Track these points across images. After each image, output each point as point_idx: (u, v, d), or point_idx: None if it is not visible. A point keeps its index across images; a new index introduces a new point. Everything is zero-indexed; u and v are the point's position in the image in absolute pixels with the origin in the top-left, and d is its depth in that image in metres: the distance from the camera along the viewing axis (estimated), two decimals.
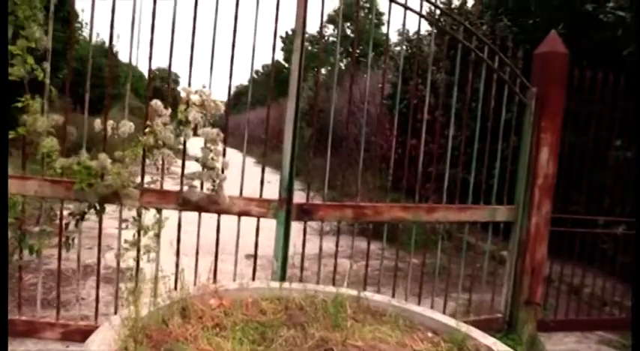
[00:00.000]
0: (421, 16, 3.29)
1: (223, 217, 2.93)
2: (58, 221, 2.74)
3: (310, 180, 3.34)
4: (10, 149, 2.93)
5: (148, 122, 2.65)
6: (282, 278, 2.92)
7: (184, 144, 2.78)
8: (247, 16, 2.91)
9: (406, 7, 3.22)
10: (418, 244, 3.60)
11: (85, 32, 14.49)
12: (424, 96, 3.48)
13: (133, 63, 2.90)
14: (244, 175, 2.92)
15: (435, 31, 3.50)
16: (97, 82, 3.76)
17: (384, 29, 23.31)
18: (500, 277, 3.96)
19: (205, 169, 2.73)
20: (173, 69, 2.93)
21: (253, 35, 2.85)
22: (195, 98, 2.66)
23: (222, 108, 2.68)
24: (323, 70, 21.95)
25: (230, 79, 2.87)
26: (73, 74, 2.96)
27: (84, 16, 11.93)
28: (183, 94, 2.72)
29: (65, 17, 5.91)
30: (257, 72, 37.51)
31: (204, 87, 2.68)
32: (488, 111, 3.62)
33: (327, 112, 3.17)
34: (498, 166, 3.71)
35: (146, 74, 3.00)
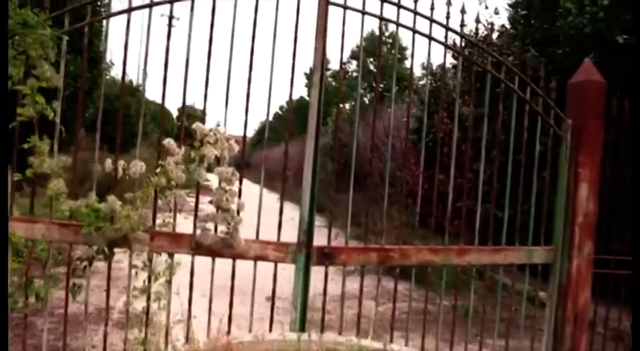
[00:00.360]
0: (447, 46, 3.12)
1: None
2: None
3: (332, 219, 3.13)
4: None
5: (160, 162, 2.50)
6: (302, 328, 2.69)
7: (197, 184, 2.63)
8: (268, 51, 2.79)
9: (431, 38, 3.05)
10: (448, 285, 3.34)
11: (113, 72, 14.87)
12: (451, 130, 3.28)
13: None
14: (268, 212, 2.76)
15: (462, 62, 3.32)
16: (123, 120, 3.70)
17: (407, 64, 23.33)
18: (539, 321, 3.64)
19: (219, 211, 2.55)
20: (200, 106, 2.82)
21: (270, 70, 2.72)
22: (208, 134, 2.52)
23: (237, 147, 2.52)
24: (347, 106, 21.99)
25: (246, 114, 2.74)
26: (84, 112, 2.86)
27: (112, 57, 12.21)
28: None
29: (92, 58, 5.99)
30: (282, 108, 37.78)
31: (218, 125, 2.54)
32: (521, 144, 3.39)
33: (351, 146, 2.99)
34: (534, 202, 3.45)
35: (173, 112, 2.89)
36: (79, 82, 3.07)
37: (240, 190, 2.63)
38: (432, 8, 3.04)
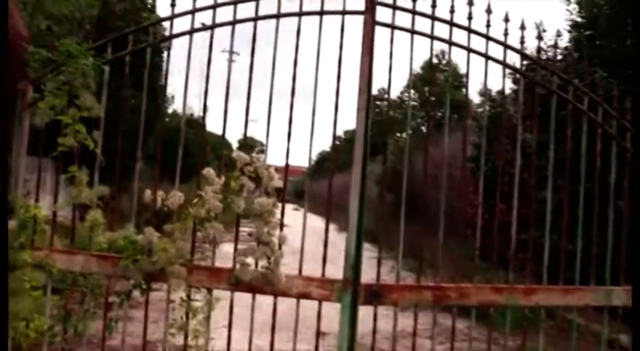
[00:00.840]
0: (505, 65, 2.82)
1: None
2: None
3: (381, 254, 2.86)
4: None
5: (200, 192, 2.35)
6: None
7: (238, 217, 2.45)
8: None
9: (487, 57, 2.77)
10: (513, 324, 2.95)
11: (175, 106, 15.37)
12: (512, 157, 2.97)
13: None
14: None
15: (524, 83, 3.00)
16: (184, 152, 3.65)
17: (464, 91, 22.69)
18: None
19: (260, 245, 2.35)
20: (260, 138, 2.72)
21: (313, 97, 2.55)
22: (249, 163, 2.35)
23: (276, 176, 2.33)
24: (404, 135, 21.62)
25: (288, 140, 2.56)
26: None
27: (171, 90, 12.37)
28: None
29: (154, 91, 6.08)
30: (339, 138, 37.67)
31: (258, 151, 2.37)
32: (593, 171, 2.99)
33: (409, 176, 2.75)
34: (611, 235, 3.01)
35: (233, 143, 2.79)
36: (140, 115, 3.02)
37: (282, 223, 2.43)
38: (488, 25, 2.77)
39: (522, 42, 2.88)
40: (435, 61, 3.04)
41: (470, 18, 2.73)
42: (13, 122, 2.45)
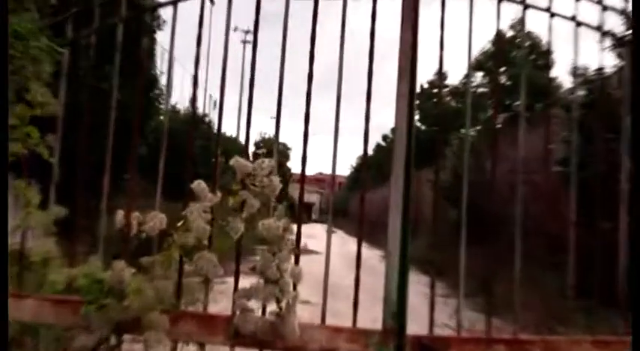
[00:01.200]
0: (603, 33, 2.59)
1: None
2: None
3: (440, 292, 2.66)
4: None
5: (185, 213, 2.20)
6: None
7: (238, 243, 2.29)
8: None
9: (578, 23, 2.54)
10: None
11: (174, 100, 15.40)
12: (616, 158, 2.76)
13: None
14: (366, 273, 2.38)
15: (631, 55, 2.75)
16: (178, 158, 3.52)
17: (553, 73, 22.07)
18: None
19: (267, 284, 2.17)
20: (283, 139, 2.60)
21: (337, 86, 2.38)
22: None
23: (278, 187, 2.17)
24: (472, 131, 21.19)
25: (304, 144, 2.40)
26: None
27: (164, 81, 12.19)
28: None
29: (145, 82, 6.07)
30: (385, 137, 36.89)
31: (264, 155, 2.21)
32: None
33: (477, 184, 2.58)
34: None
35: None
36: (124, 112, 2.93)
37: (297, 254, 2.26)
38: None
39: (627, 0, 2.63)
40: (509, 33, 2.82)
41: None
42: None
